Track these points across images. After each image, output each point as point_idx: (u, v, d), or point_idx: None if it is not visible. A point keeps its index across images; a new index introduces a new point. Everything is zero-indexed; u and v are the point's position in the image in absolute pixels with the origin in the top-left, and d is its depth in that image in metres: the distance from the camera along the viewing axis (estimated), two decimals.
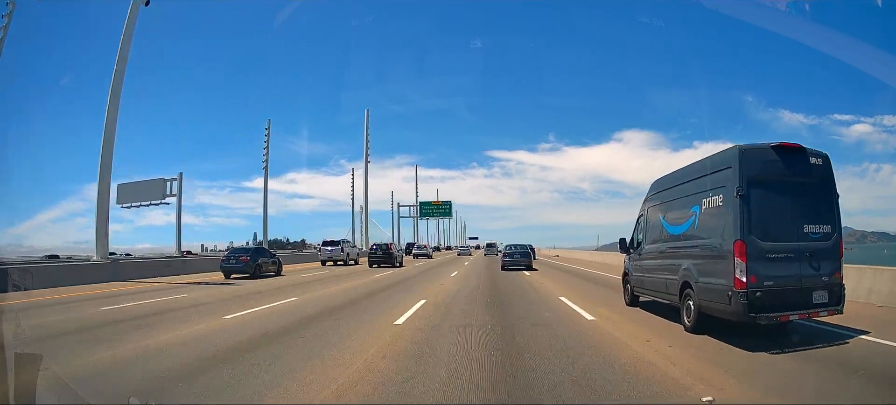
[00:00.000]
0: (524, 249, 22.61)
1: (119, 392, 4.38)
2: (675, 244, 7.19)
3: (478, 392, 4.16)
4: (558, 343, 6.03)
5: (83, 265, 18.95)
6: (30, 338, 6.24)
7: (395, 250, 29.12)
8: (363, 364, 5.05)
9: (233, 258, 19.48)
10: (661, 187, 8.05)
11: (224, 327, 7.44)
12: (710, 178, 6.28)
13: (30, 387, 2.97)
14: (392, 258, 27.22)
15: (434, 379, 4.51)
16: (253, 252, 19.88)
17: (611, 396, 4.10)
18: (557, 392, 4.16)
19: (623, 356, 5.38)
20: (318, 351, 5.70)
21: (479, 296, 11.08)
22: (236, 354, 5.56)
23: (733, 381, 4.41)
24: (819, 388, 4.41)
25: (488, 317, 8.18)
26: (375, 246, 29.10)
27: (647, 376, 4.58)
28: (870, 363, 5.12)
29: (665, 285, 7.41)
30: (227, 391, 4.26)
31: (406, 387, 4.29)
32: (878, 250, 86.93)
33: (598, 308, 9.04)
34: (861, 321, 7.05)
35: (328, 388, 4.27)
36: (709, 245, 6.23)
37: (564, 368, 4.88)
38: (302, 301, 10.73)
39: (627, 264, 9.48)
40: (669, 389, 4.23)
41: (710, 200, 6.25)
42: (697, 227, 6.54)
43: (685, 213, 6.88)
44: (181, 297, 11.78)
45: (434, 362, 5.12)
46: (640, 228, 8.85)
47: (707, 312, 6.23)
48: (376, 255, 27.24)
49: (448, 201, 73.82)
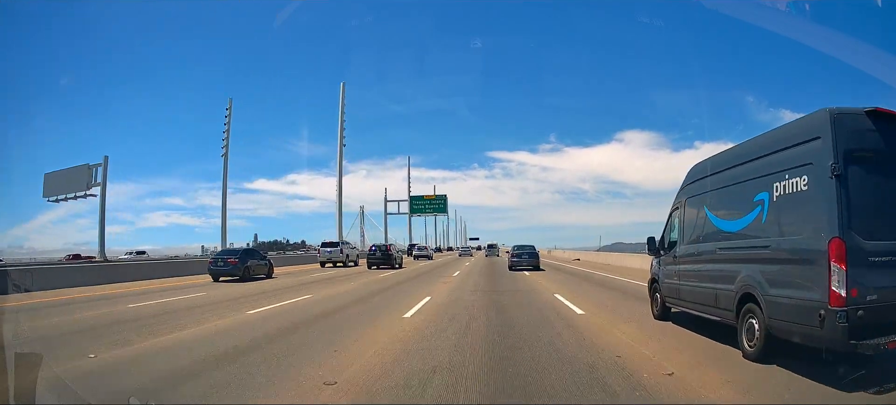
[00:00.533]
0: (531, 250, 22.79)
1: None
2: (730, 244, 5.59)
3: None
4: (579, 378, 4.49)
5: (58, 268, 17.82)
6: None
7: (394, 251, 28.07)
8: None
9: (220, 260, 18.21)
10: (705, 173, 6.46)
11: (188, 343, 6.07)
12: (786, 154, 4.69)
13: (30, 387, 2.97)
14: (391, 259, 26.50)
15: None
16: (242, 254, 18.55)
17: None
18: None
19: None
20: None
21: (478, 303, 9.64)
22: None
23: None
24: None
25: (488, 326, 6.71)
26: (374, 247, 28.38)
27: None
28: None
29: (713, 298, 5.82)
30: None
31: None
32: None
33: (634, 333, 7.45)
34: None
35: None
36: (786, 245, 4.63)
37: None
38: (278, 310, 9.31)
39: (656, 269, 7.91)
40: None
41: (785, 184, 4.65)
42: (766, 222, 4.94)
43: (745, 204, 5.27)
44: (143, 306, 10.41)
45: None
46: (675, 225, 7.28)
47: (780, 336, 4.64)
48: (375, 257, 26.57)
49: (443, 195, 65.10)
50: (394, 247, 29.42)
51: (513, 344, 5.96)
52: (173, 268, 22.25)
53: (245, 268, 17.77)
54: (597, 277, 17.00)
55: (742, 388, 4.16)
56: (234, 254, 18.44)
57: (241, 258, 18.02)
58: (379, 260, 26.21)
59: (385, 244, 29.91)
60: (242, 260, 18.01)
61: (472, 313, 8.58)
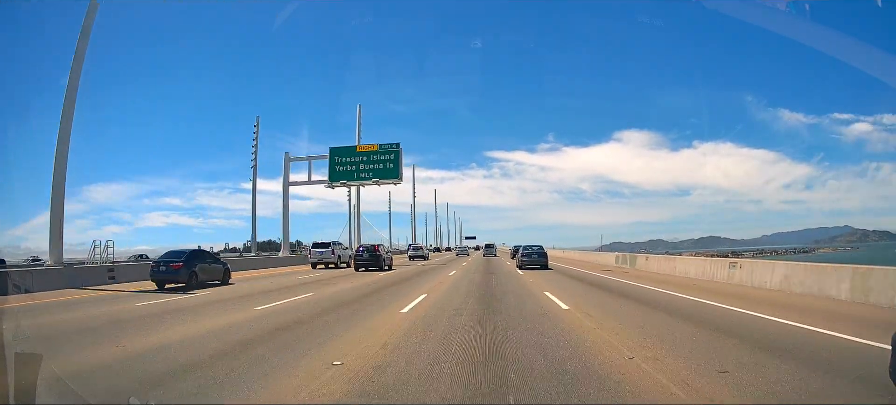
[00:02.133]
0: (540, 249, 23.12)
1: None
2: None
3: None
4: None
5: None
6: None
7: (383, 252, 25.82)
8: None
9: (163, 265, 14.63)
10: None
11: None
12: None
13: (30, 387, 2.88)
14: (380, 261, 24.49)
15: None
16: (188, 257, 14.97)
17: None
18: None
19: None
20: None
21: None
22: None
23: None
24: None
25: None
26: (362, 248, 25.99)
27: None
28: None
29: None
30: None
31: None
32: (885, 250, 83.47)
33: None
34: None
35: None
36: None
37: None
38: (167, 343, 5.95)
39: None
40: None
41: None
42: None
43: None
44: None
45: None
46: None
47: None
48: (363, 258, 24.52)
49: (392, 146, 31.70)
50: (383, 248, 27.22)
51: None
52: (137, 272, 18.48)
53: (191, 275, 14.30)
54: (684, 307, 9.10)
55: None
56: (178, 257, 14.87)
57: (186, 262, 14.50)
58: (366, 262, 24.32)
59: (373, 244, 27.45)
60: (188, 264, 14.51)
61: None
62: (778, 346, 5.41)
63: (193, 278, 14.35)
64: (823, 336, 6.09)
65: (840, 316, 7.66)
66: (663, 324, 7.09)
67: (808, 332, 6.34)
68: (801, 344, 5.64)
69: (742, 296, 10.51)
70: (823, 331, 6.31)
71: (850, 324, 6.75)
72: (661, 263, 20.53)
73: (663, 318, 7.70)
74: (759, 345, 5.50)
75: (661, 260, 21.53)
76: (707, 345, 5.62)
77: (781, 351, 5.17)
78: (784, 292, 11.06)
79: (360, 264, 24.35)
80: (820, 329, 6.48)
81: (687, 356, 5.02)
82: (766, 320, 7.35)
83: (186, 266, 14.37)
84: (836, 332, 6.18)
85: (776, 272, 12.07)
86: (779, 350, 5.21)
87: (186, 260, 14.63)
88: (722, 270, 14.86)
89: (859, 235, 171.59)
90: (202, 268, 15.05)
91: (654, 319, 7.63)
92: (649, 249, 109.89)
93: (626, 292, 12.02)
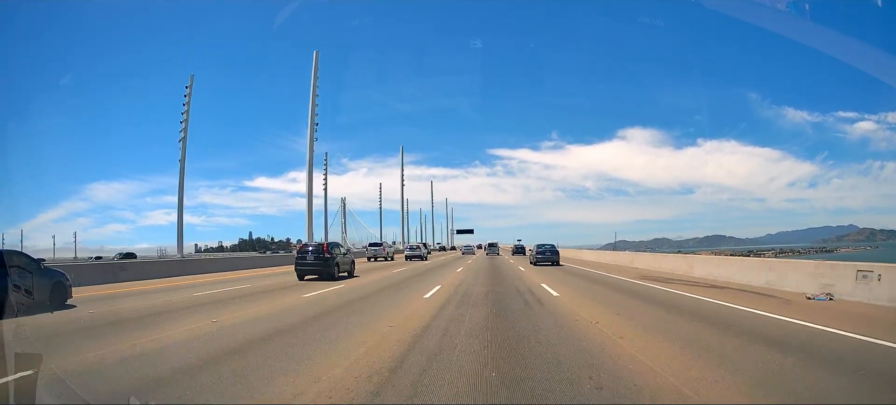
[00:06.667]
0: (552, 248, 25.59)
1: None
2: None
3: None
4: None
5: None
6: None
7: (339, 253, 17.99)
8: None
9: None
10: None
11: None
12: None
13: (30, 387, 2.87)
14: (329, 265, 16.63)
15: None
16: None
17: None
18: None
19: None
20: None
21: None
22: None
23: None
24: None
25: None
26: (307, 248, 17.63)
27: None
28: None
29: None
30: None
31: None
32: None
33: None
34: None
35: None
36: None
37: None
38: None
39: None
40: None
41: None
42: None
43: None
44: None
45: None
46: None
47: None
48: (305, 263, 16.72)
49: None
50: (339, 248, 19.15)
51: None
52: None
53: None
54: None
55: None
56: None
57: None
58: (310, 267, 16.60)
59: (319, 243, 19.42)
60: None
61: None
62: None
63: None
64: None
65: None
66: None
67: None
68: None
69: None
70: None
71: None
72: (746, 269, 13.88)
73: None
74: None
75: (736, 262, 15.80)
76: None
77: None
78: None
79: (304, 270, 16.59)
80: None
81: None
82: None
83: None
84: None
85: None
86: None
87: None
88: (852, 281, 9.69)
89: (866, 234, 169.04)
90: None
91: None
92: (654, 248, 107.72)
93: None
